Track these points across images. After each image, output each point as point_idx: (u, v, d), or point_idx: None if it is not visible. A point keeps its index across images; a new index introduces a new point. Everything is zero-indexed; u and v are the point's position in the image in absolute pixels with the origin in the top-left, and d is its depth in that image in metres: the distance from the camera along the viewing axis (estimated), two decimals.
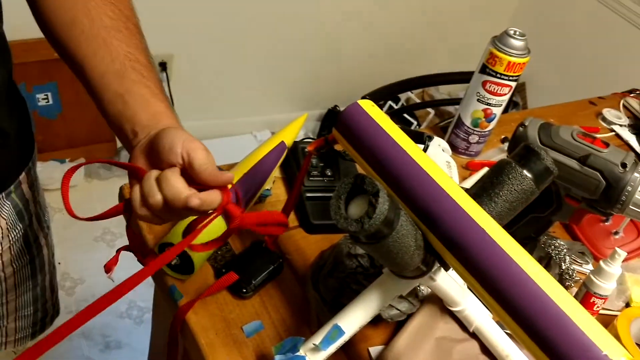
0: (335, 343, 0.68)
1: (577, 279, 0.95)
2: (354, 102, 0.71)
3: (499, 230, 0.59)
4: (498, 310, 0.57)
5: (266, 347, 0.76)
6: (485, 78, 1.10)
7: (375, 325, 0.81)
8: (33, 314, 0.97)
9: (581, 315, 0.54)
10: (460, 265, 0.60)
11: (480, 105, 1.13)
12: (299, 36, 2.54)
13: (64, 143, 2.27)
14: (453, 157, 1.17)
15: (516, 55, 1.06)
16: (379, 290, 0.69)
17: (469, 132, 1.17)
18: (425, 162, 0.65)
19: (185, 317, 0.77)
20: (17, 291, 0.92)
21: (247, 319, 0.79)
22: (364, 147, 0.68)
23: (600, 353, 0.51)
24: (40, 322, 1.00)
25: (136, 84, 0.70)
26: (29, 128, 0.86)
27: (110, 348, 1.83)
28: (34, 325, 0.99)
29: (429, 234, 0.62)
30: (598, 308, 0.85)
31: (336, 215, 0.57)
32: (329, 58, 2.68)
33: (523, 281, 0.56)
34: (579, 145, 0.78)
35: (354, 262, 0.81)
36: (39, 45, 1.82)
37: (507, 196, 0.64)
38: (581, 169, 0.78)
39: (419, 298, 0.83)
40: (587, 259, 1.00)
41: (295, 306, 0.82)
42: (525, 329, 0.55)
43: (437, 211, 0.61)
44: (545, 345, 0.54)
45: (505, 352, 0.79)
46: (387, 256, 0.60)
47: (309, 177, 0.95)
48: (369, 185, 0.56)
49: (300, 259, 0.88)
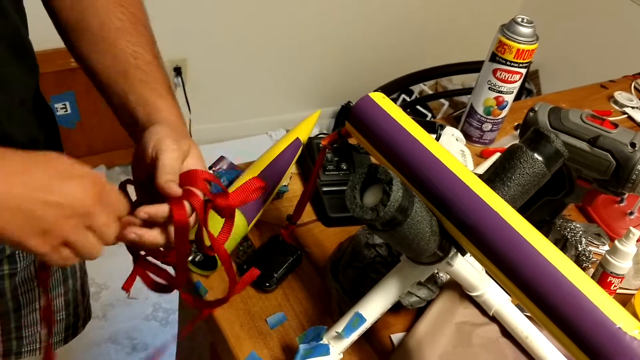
0: (357, 330, 0.70)
1: (594, 260, 0.96)
2: (366, 95, 0.72)
3: (512, 213, 0.61)
4: (514, 291, 0.59)
5: (290, 337, 0.78)
6: (495, 66, 1.11)
7: (396, 312, 0.83)
8: (65, 318, 0.99)
9: (595, 291, 0.55)
10: (476, 249, 0.62)
11: (491, 93, 1.15)
12: (310, 34, 2.56)
13: (83, 151, 2.30)
14: (467, 146, 1.18)
15: (525, 42, 1.07)
16: (397, 277, 0.71)
17: (482, 120, 1.18)
18: (437, 150, 0.66)
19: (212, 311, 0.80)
20: (49, 296, 0.94)
21: (271, 311, 0.81)
22: (376, 138, 0.70)
23: (615, 326, 0.53)
24: (72, 326, 1.02)
25: (137, 82, 0.71)
26: (57, 137, 0.88)
27: (137, 350, 1.86)
28: (66, 330, 1.01)
29: (444, 220, 0.64)
30: (615, 287, 0.86)
31: (352, 205, 0.59)
32: (341, 54, 2.69)
33: (537, 261, 0.57)
34: (588, 127, 0.79)
35: (372, 252, 0.83)
36: (55, 56, 1.85)
37: (519, 180, 0.66)
38: (591, 150, 0.79)
39: (438, 285, 0.84)
40: (604, 240, 1.01)
41: (317, 297, 0.84)
42: (541, 307, 0.56)
43: (451, 197, 0.63)
44: (561, 321, 0.55)
45: (524, 334, 0.80)
46: (403, 242, 0.61)
47: (324, 171, 0.97)
48: (383, 174, 0.58)
49: (320, 251, 0.90)
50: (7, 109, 0.72)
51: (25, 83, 0.76)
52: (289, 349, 0.77)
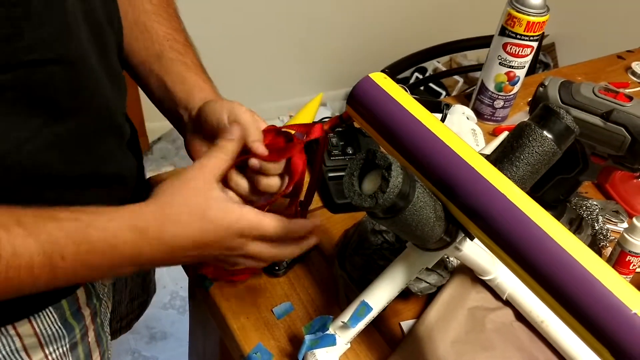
0: (364, 319, 0.68)
1: (612, 239, 0.93)
2: (366, 76, 0.70)
3: (520, 194, 0.58)
4: (523, 275, 0.56)
5: (297, 327, 0.76)
6: (505, 40, 1.08)
7: (406, 299, 0.81)
8: (139, 296, 1.02)
9: (609, 275, 0.52)
10: (483, 234, 0.59)
11: (502, 68, 1.11)
12: (319, 15, 2.52)
13: None
14: (479, 124, 1.15)
15: (535, 14, 1.03)
16: (403, 264, 0.68)
17: (494, 97, 1.15)
18: (441, 131, 0.63)
19: (217, 303, 0.78)
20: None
21: (277, 301, 0.79)
22: (378, 121, 0.67)
23: (630, 312, 0.50)
24: (144, 303, 1.05)
25: (173, 62, 0.71)
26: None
27: (156, 339, 1.87)
28: (140, 307, 1.04)
29: (450, 204, 0.61)
30: (634, 267, 0.83)
31: (350, 192, 0.56)
32: (351, 34, 2.65)
33: (546, 244, 0.54)
34: (601, 101, 0.76)
35: (378, 238, 0.81)
36: None
37: (528, 159, 0.63)
38: (605, 125, 0.75)
39: (449, 270, 0.82)
40: (622, 218, 0.97)
41: (324, 286, 0.82)
42: (551, 293, 0.54)
43: (455, 180, 0.60)
44: (573, 308, 0.52)
45: (540, 318, 0.78)
46: (406, 229, 0.59)
47: (330, 156, 0.94)
48: (381, 159, 0.55)
49: (326, 239, 0.88)
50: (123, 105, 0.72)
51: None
52: (296, 339, 0.75)
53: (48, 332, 0.69)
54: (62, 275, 0.52)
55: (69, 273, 0.52)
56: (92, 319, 0.77)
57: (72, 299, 0.72)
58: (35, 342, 0.68)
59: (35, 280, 0.50)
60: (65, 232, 0.51)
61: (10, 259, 0.48)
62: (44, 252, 0.50)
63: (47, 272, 0.50)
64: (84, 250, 0.52)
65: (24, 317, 0.67)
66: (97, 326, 0.78)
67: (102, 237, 0.53)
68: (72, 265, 0.51)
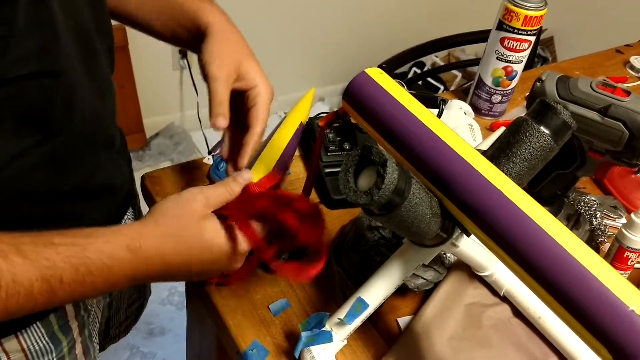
0: (360, 316, 0.68)
1: (610, 234, 0.92)
2: (361, 72, 0.69)
3: (516, 190, 0.58)
4: (519, 271, 0.56)
5: (293, 324, 0.76)
6: (502, 35, 1.07)
7: (403, 295, 0.81)
8: (136, 300, 1.02)
9: (606, 271, 0.52)
10: (479, 230, 0.59)
11: (499, 63, 1.10)
12: (317, 9, 2.51)
13: None
14: (476, 119, 1.15)
15: (532, 8, 1.02)
16: (400, 261, 0.68)
17: (491, 92, 1.14)
18: (437, 126, 0.63)
19: (213, 300, 0.78)
20: None
21: (274, 298, 0.79)
22: (373, 116, 0.67)
23: (627, 309, 0.49)
24: (140, 306, 1.05)
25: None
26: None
27: (154, 335, 1.86)
28: (137, 310, 1.04)
29: (446, 200, 0.61)
30: (633, 262, 0.82)
31: (345, 189, 0.56)
32: (350, 29, 2.64)
33: (543, 240, 0.54)
34: (599, 96, 0.75)
35: (375, 234, 0.80)
36: None
37: (525, 155, 0.62)
38: (602, 120, 0.75)
39: (446, 266, 0.82)
40: (620, 213, 0.97)
41: (321, 282, 0.81)
42: (547, 289, 0.53)
43: (451, 176, 0.60)
44: (570, 304, 0.52)
45: (537, 314, 0.78)
46: (402, 226, 0.58)
47: (326, 152, 0.94)
48: (376, 155, 0.55)
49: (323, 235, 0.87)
50: (112, 113, 0.73)
51: None
52: (292, 335, 0.75)
53: (35, 347, 0.69)
54: (61, 296, 0.53)
55: (67, 294, 0.53)
56: (80, 331, 0.77)
57: (60, 313, 0.72)
58: (22, 357, 0.69)
59: (35, 303, 0.51)
60: (62, 257, 0.52)
61: (10, 287, 0.49)
62: (43, 277, 0.50)
63: (47, 296, 0.51)
64: (82, 273, 0.53)
65: (11, 333, 0.67)
66: (84, 338, 0.78)
67: (99, 259, 0.53)
68: (71, 287, 0.52)
